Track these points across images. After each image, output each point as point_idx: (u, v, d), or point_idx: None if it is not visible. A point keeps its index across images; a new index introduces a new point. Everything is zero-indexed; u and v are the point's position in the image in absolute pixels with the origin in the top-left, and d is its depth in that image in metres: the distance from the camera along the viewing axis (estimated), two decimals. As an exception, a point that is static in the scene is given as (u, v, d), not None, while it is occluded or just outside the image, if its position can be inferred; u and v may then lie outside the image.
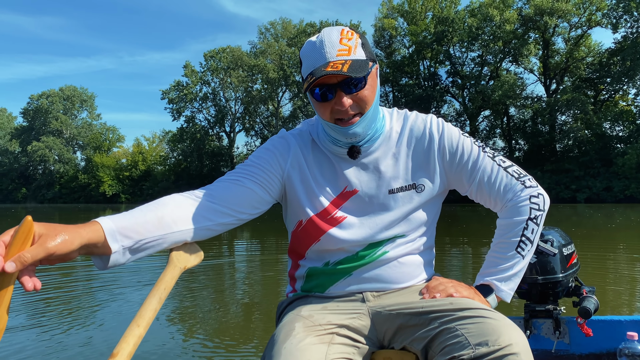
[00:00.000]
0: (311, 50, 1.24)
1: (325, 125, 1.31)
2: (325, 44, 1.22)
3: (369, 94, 1.25)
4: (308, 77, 1.22)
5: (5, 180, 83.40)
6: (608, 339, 1.86)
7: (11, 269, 0.87)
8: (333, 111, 1.24)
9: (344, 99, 1.22)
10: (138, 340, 0.94)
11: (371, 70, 1.26)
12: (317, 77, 1.18)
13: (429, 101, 46.27)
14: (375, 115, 1.31)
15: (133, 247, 1.08)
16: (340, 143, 1.33)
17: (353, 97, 1.23)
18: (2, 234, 0.91)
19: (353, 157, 1.33)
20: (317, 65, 1.21)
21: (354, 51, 1.22)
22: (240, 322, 4.14)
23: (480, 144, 1.38)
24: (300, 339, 1.13)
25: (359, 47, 1.24)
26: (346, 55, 1.20)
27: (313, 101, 1.29)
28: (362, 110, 1.25)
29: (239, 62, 58.47)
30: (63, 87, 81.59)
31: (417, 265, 1.37)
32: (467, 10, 44.69)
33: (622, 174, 34.29)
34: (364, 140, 1.32)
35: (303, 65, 1.28)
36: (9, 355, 3.32)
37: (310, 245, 1.36)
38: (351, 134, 1.26)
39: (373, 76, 1.28)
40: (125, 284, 5.94)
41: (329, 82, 1.21)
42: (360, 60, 1.21)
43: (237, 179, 1.30)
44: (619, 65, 37.75)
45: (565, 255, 1.89)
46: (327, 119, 1.27)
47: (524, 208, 1.33)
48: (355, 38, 1.25)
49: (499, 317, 1.11)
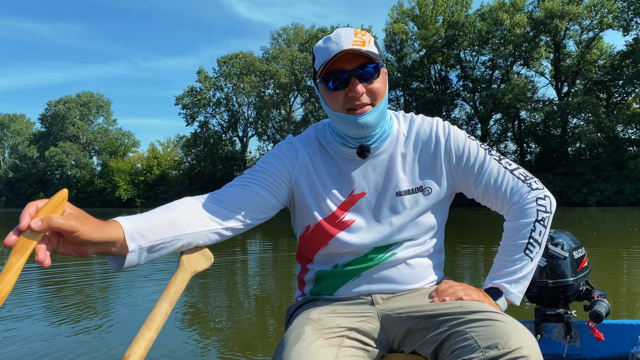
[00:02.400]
0: (326, 42, 1.26)
1: (335, 117, 1.31)
2: (340, 35, 1.24)
3: (381, 87, 1.27)
4: (324, 63, 1.24)
5: (24, 185, 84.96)
6: (620, 343, 1.83)
7: (37, 226, 0.89)
8: (346, 100, 1.26)
9: (359, 86, 1.23)
10: (149, 344, 0.95)
11: (383, 66, 1.29)
12: (335, 53, 1.20)
13: (439, 105, 46.35)
14: (384, 112, 1.33)
15: (148, 247, 1.11)
16: (349, 143, 1.34)
17: (366, 87, 1.25)
18: (37, 200, 0.94)
19: (363, 157, 1.33)
20: (332, 53, 1.22)
21: (368, 44, 1.24)
22: (250, 325, 4.15)
23: (486, 147, 1.39)
24: (309, 342, 1.13)
25: (372, 43, 1.27)
26: (361, 45, 1.22)
27: (325, 92, 1.29)
28: (374, 102, 1.27)
29: (251, 67, 59.10)
30: (80, 93, 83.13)
31: (425, 267, 1.38)
32: (477, 14, 44.76)
33: (634, 177, 33.96)
34: (372, 139, 1.33)
35: (317, 58, 1.28)
36: (22, 356, 3.40)
37: (318, 249, 1.37)
38: (363, 123, 1.26)
39: (384, 75, 1.31)
40: (136, 288, 5.98)
41: (344, 69, 1.23)
42: (374, 52, 1.25)
43: (245, 184, 1.31)
44: (631, 68, 37.52)
45: (576, 259, 1.88)
46: (339, 108, 1.27)
47: (530, 210, 1.33)
48: (368, 35, 1.28)
49: (509, 320, 1.10)
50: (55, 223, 0.91)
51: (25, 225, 0.89)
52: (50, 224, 0.91)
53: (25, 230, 0.89)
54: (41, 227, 0.90)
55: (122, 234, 1.06)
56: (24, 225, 0.89)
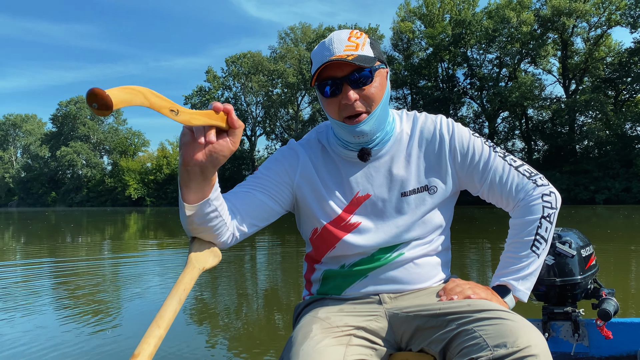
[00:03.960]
0: (320, 48, 1.26)
1: (334, 124, 1.32)
2: (334, 41, 1.24)
3: (377, 92, 1.26)
4: (315, 71, 1.25)
5: (36, 184, 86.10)
6: (628, 341, 1.82)
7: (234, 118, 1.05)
8: (341, 108, 1.25)
9: (350, 92, 1.22)
10: (159, 341, 0.95)
11: (379, 69, 1.27)
12: (322, 63, 1.22)
13: (447, 103, 46.38)
14: (384, 117, 1.31)
15: (212, 209, 1.17)
16: (350, 146, 1.33)
17: (360, 93, 1.24)
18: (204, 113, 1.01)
19: (364, 160, 1.33)
20: (324, 60, 1.22)
21: (361, 48, 1.24)
22: (257, 323, 4.16)
23: (490, 144, 1.38)
24: (318, 340, 1.13)
25: (367, 45, 1.26)
26: (353, 50, 1.22)
27: (321, 98, 1.30)
28: (370, 109, 1.25)
29: (259, 67, 59.50)
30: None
31: (433, 266, 1.37)
32: (484, 12, 44.72)
33: (642, 175, 33.85)
34: (373, 142, 1.32)
35: (313, 64, 1.29)
36: (34, 352, 3.43)
37: (326, 252, 1.37)
38: (358, 132, 1.26)
39: (382, 76, 1.29)
40: (144, 285, 6.01)
41: (335, 76, 1.23)
42: (367, 56, 1.23)
43: (247, 191, 1.32)
44: (639, 66, 37.32)
45: (584, 257, 1.86)
46: (336, 116, 1.28)
47: (536, 207, 1.32)
48: (363, 37, 1.27)
49: (517, 319, 1.10)
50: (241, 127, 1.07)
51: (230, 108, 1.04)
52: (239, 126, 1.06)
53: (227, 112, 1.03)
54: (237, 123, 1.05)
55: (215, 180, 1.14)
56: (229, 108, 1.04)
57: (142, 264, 8.04)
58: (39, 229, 18.40)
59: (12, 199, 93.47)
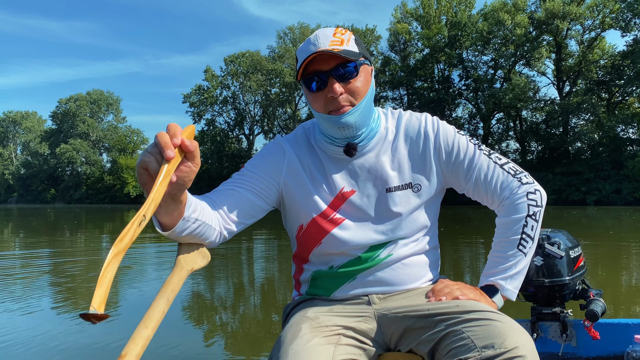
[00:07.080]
0: (306, 44, 1.26)
1: (319, 119, 1.32)
2: (319, 37, 1.24)
3: (362, 86, 1.26)
4: (301, 64, 1.24)
5: (36, 181, 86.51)
6: (615, 342, 1.83)
7: (190, 144, 0.94)
8: (326, 102, 1.26)
9: (336, 85, 1.23)
10: (146, 342, 0.94)
11: (363, 64, 1.28)
12: (307, 55, 1.22)
13: (442, 104, 46.88)
14: (368, 111, 1.31)
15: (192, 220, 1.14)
16: (336, 141, 1.33)
17: (345, 87, 1.24)
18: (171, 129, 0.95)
19: (350, 155, 1.32)
20: (309, 54, 1.22)
21: (346, 43, 1.24)
22: (247, 323, 4.17)
23: (475, 142, 1.38)
24: (307, 339, 1.14)
25: (352, 41, 1.26)
26: (338, 45, 1.23)
27: (307, 93, 1.30)
28: (354, 102, 1.26)
29: (258, 66, 59.96)
30: (90, 91, 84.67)
31: (421, 266, 1.37)
32: (480, 14, 45.13)
33: (632, 177, 34.19)
34: (359, 137, 1.32)
35: (298, 60, 1.29)
36: (18, 351, 3.38)
37: (312, 248, 1.37)
38: (343, 123, 1.26)
39: (367, 72, 1.30)
40: (132, 286, 5.94)
41: (321, 69, 1.24)
42: (352, 51, 1.24)
43: (233, 188, 1.32)
44: (631, 68, 37.77)
45: (572, 258, 1.86)
46: (322, 110, 1.28)
47: (521, 205, 1.32)
48: (348, 34, 1.27)
49: (506, 320, 1.10)
50: (196, 149, 0.96)
51: (179, 142, 0.93)
52: (194, 148, 0.96)
53: (177, 146, 0.94)
54: (191, 146, 0.95)
55: (186, 198, 1.09)
56: (178, 142, 0.93)
57: (137, 261, 8.07)
58: (40, 227, 18.64)
59: (11, 195, 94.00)
